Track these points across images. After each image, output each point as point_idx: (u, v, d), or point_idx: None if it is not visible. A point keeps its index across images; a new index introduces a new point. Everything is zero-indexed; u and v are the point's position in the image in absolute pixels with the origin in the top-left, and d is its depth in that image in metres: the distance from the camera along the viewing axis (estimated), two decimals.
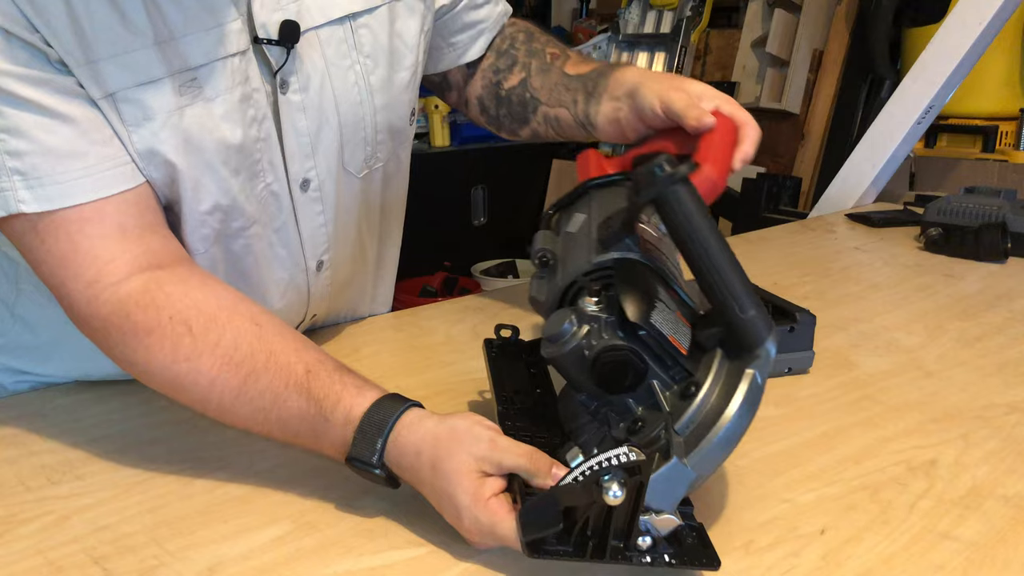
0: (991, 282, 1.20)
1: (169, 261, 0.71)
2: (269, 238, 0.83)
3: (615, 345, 0.57)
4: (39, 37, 0.64)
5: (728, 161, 0.79)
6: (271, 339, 0.66)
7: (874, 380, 0.87)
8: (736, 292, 0.56)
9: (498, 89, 1.00)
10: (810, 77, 2.76)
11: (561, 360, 0.58)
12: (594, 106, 0.92)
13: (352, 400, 0.62)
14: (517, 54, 0.99)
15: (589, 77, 0.93)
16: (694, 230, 0.56)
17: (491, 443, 0.58)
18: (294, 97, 0.78)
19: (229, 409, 0.66)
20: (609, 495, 0.50)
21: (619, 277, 0.61)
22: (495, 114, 1.02)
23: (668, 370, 0.58)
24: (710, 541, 0.55)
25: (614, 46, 3.18)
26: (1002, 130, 2.29)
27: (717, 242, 0.57)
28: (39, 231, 0.67)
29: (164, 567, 0.58)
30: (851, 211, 1.67)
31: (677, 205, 0.56)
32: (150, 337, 0.66)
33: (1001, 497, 0.65)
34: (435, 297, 2.75)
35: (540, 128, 0.99)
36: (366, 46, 0.83)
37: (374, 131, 0.87)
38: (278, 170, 0.80)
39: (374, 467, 0.60)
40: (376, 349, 0.98)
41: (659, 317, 0.58)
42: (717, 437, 0.54)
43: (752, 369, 0.56)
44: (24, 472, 0.71)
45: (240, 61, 0.73)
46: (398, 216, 1.04)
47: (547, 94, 0.96)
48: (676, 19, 3.04)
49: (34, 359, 0.88)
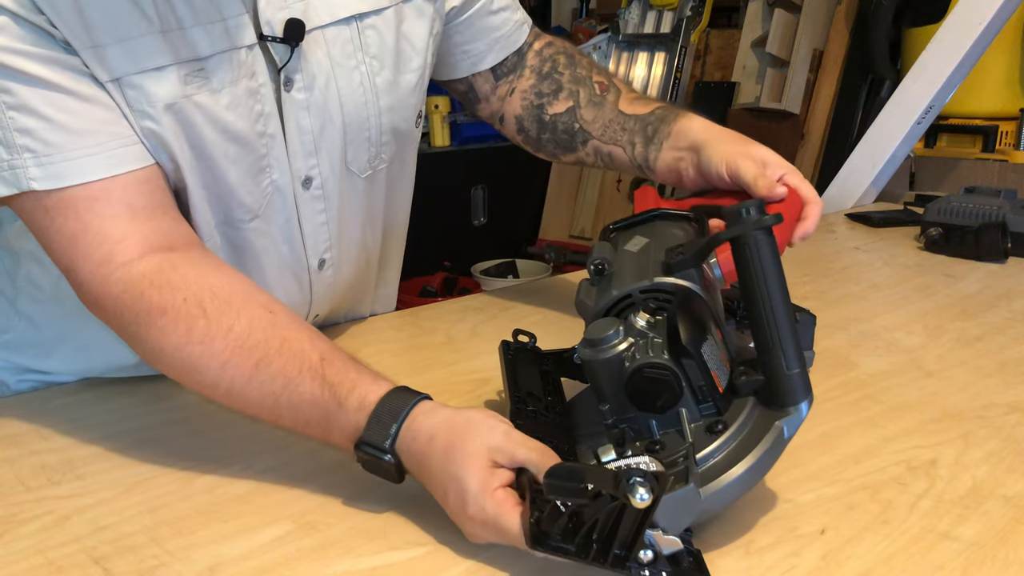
0: (991, 282, 1.20)
1: (181, 244, 0.71)
2: (271, 233, 0.83)
3: (659, 363, 0.58)
4: (44, 19, 0.64)
5: (788, 233, 0.82)
6: (285, 326, 0.66)
7: (874, 380, 0.87)
8: (787, 348, 0.58)
9: (541, 113, 1.00)
10: (810, 77, 2.76)
11: (596, 365, 0.59)
12: (654, 152, 0.93)
13: (368, 387, 0.63)
14: (562, 80, 0.99)
15: (649, 121, 0.94)
16: (765, 277, 0.58)
17: (506, 435, 0.58)
18: (298, 95, 0.78)
19: (239, 393, 0.66)
20: (636, 497, 0.50)
21: (677, 303, 0.62)
22: (535, 136, 1.01)
23: (699, 403, 0.60)
24: (707, 568, 0.55)
25: (614, 46, 3.18)
26: (1002, 130, 2.29)
27: (782, 296, 0.58)
28: (48, 209, 0.67)
29: (164, 567, 0.58)
30: (851, 211, 1.67)
31: (756, 249, 0.57)
32: (164, 317, 0.65)
33: (1001, 497, 0.65)
34: (435, 297, 2.75)
35: (587, 159, 0.99)
36: (372, 47, 0.83)
37: (379, 132, 0.87)
38: (283, 166, 0.80)
39: (385, 452, 0.60)
40: (377, 349, 0.98)
41: (708, 350, 0.59)
42: (734, 478, 0.56)
43: (782, 423, 0.57)
44: (24, 472, 0.71)
45: (247, 55, 0.74)
46: (403, 218, 1.04)
47: (600, 129, 0.97)
48: (676, 19, 3.04)
49: (38, 354, 0.89)
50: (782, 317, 0.58)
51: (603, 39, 3.23)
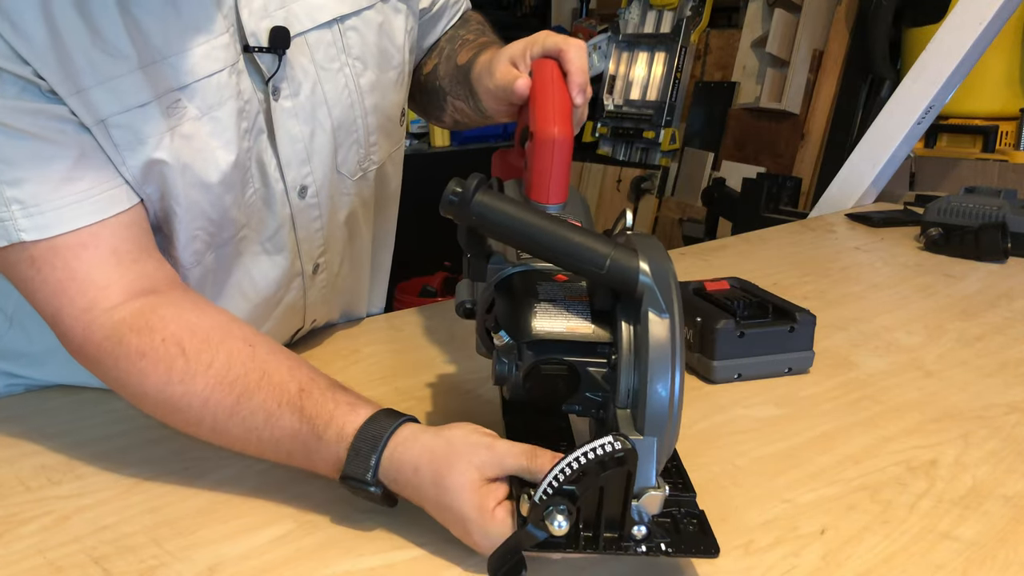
0: (991, 282, 1.20)
1: (163, 285, 0.71)
2: (261, 243, 0.82)
3: (526, 370, 0.56)
4: (30, 70, 0.64)
5: (562, 106, 0.72)
6: (264, 358, 0.66)
7: (874, 380, 0.87)
8: (584, 255, 0.54)
9: (418, 74, 0.99)
10: (810, 77, 2.76)
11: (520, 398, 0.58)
12: (477, 99, 0.88)
13: (345, 417, 0.62)
14: (440, 41, 0.99)
15: (467, 69, 0.89)
16: (514, 225, 0.55)
17: (489, 448, 0.57)
18: (286, 103, 0.78)
19: (222, 430, 0.65)
20: (554, 526, 0.50)
21: (498, 306, 0.60)
22: (419, 101, 1.01)
23: (594, 351, 0.56)
24: (710, 528, 0.54)
25: (614, 46, 3.18)
26: (1002, 130, 2.29)
27: (541, 222, 0.55)
28: (35, 259, 0.67)
29: (164, 567, 0.58)
30: (851, 211, 1.67)
31: (485, 217, 0.55)
32: (143, 360, 0.65)
33: (1001, 497, 0.65)
34: (435, 297, 2.74)
35: (456, 115, 0.96)
36: (355, 48, 0.82)
37: (366, 133, 0.87)
38: (269, 177, 0.79)
39: (369, 484, 0.60)
40: (376, 349, 0.98)
41: (544, 319, 0.56)
42: (652, 391, 0.51)
43: (647, 307, 0.53)
44: (24, 472, 0.71)
45: (229, 75, 0.73)
46: (391, 217, 1.04)
47: (449, 84, 0.94)
48: (676, 19, 3.04)
49: (29, 363, 0.88)
50: (556, 239, 0.55)
51: (603, 39, 3.23)
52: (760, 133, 2.87)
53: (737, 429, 0.77)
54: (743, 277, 0.97)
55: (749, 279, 0.97)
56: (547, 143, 0.66)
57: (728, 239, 1.54)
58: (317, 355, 0.96)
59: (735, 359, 0.85)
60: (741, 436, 0.75)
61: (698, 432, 0.76)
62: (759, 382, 0.86)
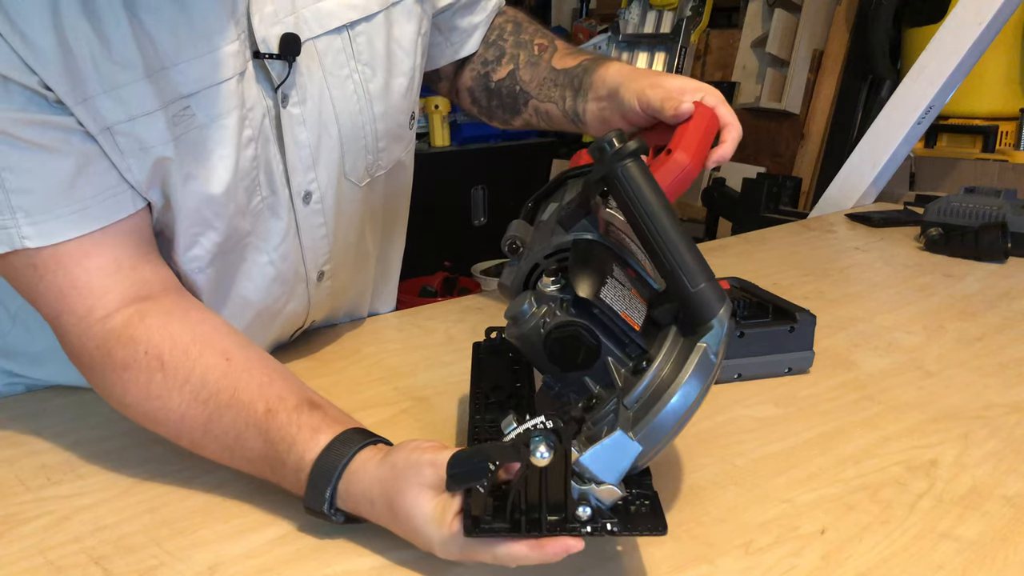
0: (991, 282, 1.20)
1: (159, 291, 0.71)
2: (267, 251, 0.82)
3: (566, 321, 0.57)
4: (37, 80, 0.64)
5: (703, 150, 0.79)
6: (238, 375, 0.66)
7: (874, 380, 0.87)
8: (686, 266, 0.56)
9: (487, 81, 1.00)
10: (810, 77, 2.76)
11: (522, 340, 0.59)
12: (581, 104, 0.93)
13: (305, 444, 0.61)
14: (505, 45, 1.00)
15: (575, 74, 0.94)
16: (643, 205, 0.56)
17: (433, 464, 0.56)
18: (294, 110, 0.78)
19: (200, 445, 0.67)
20: (536, 455, 0.49)
21: (573, 257, 0.61)
22: (486, 105, 1.03)
23: (624, 347, 0.58)
24: (661, 509, 0.54)
25: (614, 46, 3.18)
26: (1002, 130, 2.29)
27: (668, 218, 0.56)
28: (37, 266, 0.67)
29: (164, 567, 0.58)
30: (851, 211, 1.67)
31: (626, 181, 0.56)
32: (126, 373, 0.66)
33: (1001, 497, 0.65)
34: (435, 297, 2.74)
35: (532, 119, 1.00)
36: (364, 54, 0.82)
37: (375, 139, 0.86)
38: (276, 184, 0.79)
39: (328, 516, 0.60)
40: (376, 349, 0.98)
41: (610, 293, 0.58)
42: (664, 409, 0.53)
43: (704, 343, 0.55)
44: (24, 472, 0.71)
45: (236, 83, 0.72)
46: (402, 219, 1.04)
47: (536, 88, 0.97)
48: (676, 19, 3.04)
49: (30, 362, 0.88)
50: (672, 239, 0.56)
51: (603, 39, 3.23)
52: (760, 133, 2.87)
53: (737, 429, 0.77)
54: (743, 277, 0.97)
55: (749, 279, 0.97)
56: (679, 165, 0.76)
57: (728, 239, 1.54)
58: (317, 355, 0.96)
59: (735, 359, 0.85)
60: (741, 436, 0.75)
61: (698, 432, 0.76)
62: (759, 382, 0.86)
